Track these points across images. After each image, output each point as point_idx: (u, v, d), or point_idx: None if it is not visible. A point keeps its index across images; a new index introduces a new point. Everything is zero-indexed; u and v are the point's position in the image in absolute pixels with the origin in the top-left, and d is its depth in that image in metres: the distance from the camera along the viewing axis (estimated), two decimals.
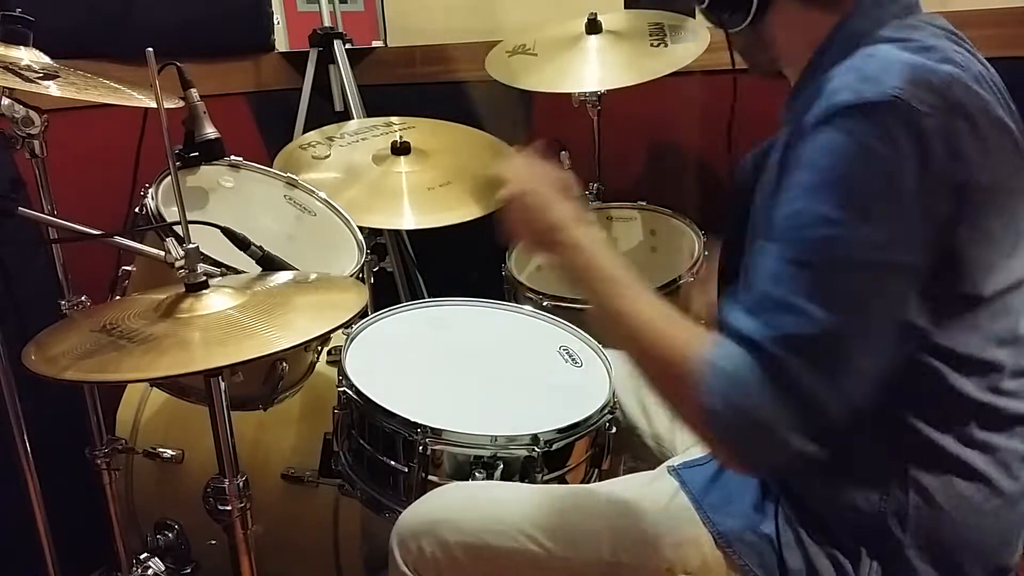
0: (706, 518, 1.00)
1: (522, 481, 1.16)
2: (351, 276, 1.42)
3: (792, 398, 0.77)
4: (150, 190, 1.31)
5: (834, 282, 0.78)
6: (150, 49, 0.94)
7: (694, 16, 1.96)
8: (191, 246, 1.01)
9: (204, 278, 1.02)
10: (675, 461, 1.12)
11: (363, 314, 1.31)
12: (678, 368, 0.83)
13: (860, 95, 0.78)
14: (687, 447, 1.24)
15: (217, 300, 1.01)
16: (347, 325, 1.05)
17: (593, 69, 1.82)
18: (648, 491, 1.05)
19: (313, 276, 1.22)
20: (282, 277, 1.19)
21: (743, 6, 0.97)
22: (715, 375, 0.80)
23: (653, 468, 1.14)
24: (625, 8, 2.06)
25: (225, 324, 0.97)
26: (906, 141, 0.77)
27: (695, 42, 1.77)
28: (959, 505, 0.88)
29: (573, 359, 1.37)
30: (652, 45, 1.81)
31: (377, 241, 1.95)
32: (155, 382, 1.44)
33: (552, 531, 1.00)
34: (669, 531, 1.00)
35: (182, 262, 1.02)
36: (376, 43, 2.44)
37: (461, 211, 1.81)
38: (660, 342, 0.86)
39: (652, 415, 1.34)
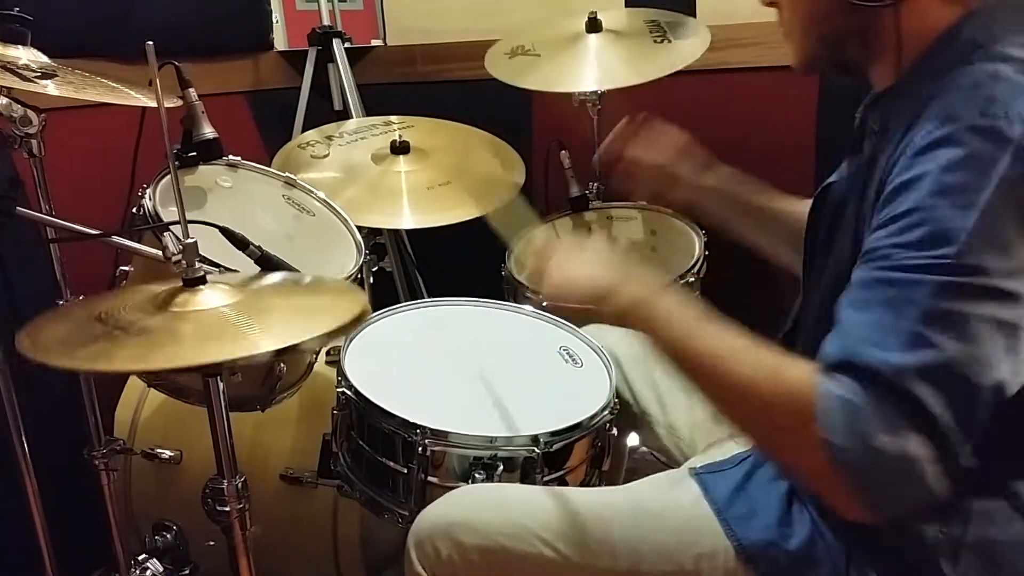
0: (729, 529, 0.98)
1: (522, 482, 1.15)
2: (350, 276, 1.41)
3: (930, 433, 0.73)
4: (148, 190, 1.30)
5: (962, 310, 0.74)
6: (150, 43, 0.93)
7: (694, 15, 1.96)
8: (190, 241, 1.01)
9: (202, 273, 1.02)
10: (697, 462, 1.10)
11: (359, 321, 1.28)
12: (791, 402, 0.77)
13: (988, 117, 0.76)
14: (706, 445, 1.22)
15: (213, 297, 1.00)
16: (337, 333, 1.02)
17: (593, 68, 1.82)
18: (668, 497, 1.03)
19: (308, 279, 1.21)
20: (281, 278, 1.18)
21: None
22: (841, 410, 0.74)
23: (661, 453, 1.10)
24: (626, 7, 2.06)
25: (218, 321, 0.96)
26: None
27: (697, 38, 1.77)
28: (1017, 543, 0.86)
29: (573, 359, 1.36)
30: (655, 41, 1.80)
31: (376, 241, 1.94)
32: (152, 382, 1.44)
33: (569, 537, 0.99)
34: (689, 540, 0.99)
35: (179, 256, 1.02)
36: (375, 42, 2.44)
37: (461, 211, 1.80)
38: (761, 376, 0.80)
39: (667, 404, 1.31)
